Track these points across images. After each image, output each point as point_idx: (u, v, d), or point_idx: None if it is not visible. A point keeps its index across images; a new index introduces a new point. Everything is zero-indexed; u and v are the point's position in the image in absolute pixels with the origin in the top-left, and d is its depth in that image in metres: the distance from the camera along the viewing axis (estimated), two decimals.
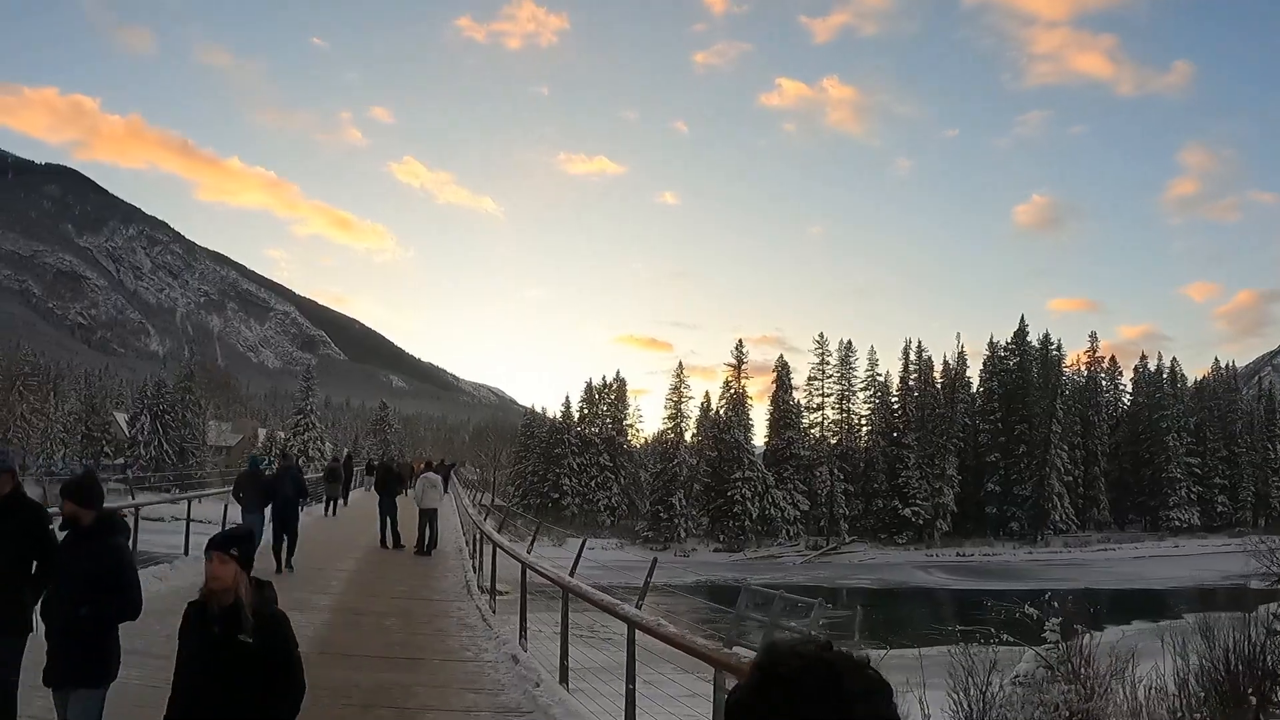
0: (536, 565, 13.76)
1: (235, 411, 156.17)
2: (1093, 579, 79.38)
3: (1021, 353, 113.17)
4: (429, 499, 26.07)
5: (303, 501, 24.05)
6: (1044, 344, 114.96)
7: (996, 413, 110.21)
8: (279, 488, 21.60)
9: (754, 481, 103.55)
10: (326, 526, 32.85)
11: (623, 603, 9.99)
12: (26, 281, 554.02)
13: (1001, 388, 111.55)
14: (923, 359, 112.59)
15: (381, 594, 18.45)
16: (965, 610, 68.66)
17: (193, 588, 15.76)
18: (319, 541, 25.69)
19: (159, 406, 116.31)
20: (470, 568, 23.04)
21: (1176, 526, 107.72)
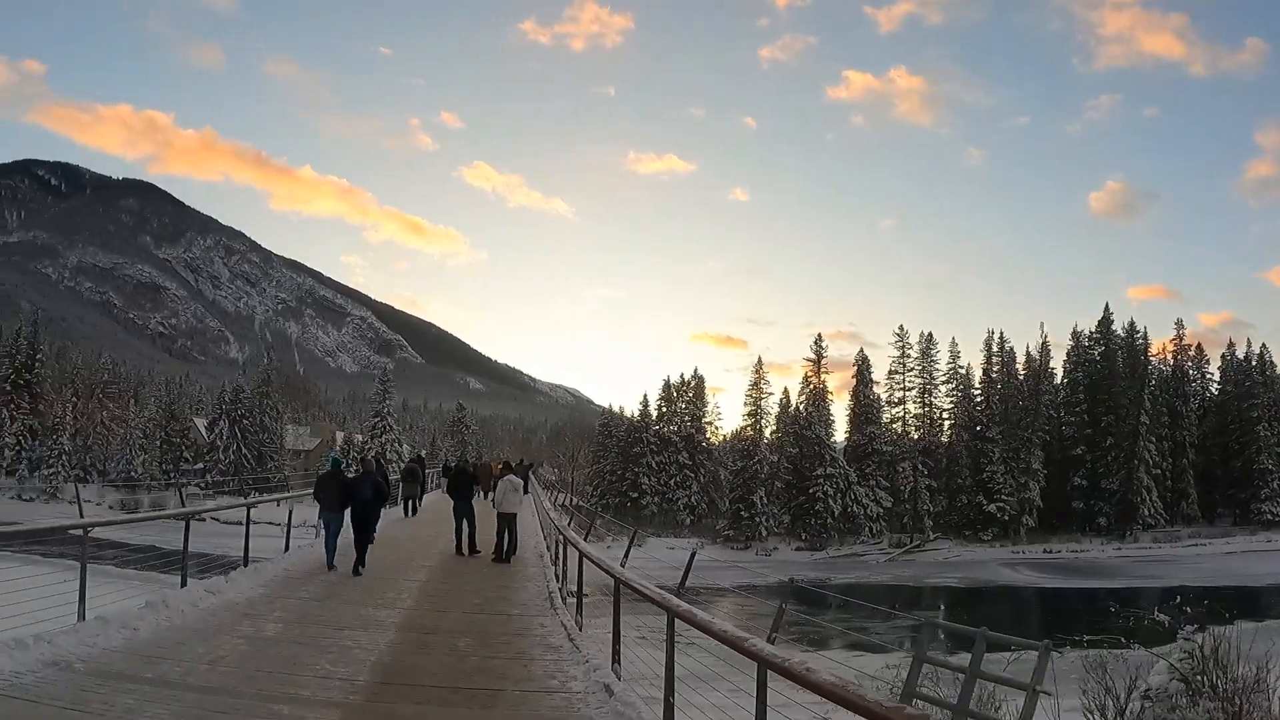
0: (636, 584, 11.76)
1: (313, 415, 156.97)
2: (1185, 576, 77.29)
3: (1106, 342, 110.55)
4: (509, 503, 24.17)
5: (384, 504, 23.85)
6: (1129, 332, 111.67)
7: (1082, 404, 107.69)
8: (357, 490, 21.45)
9: (836, 478, 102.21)
10: (402, 530, 30.86)
11: (751, 635, 8.07)
12: (108, 293, 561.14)
13: (1087, 378, 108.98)
14: (1005, 350, 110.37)
15: (454, 608, 16.80)
16: (1058, 609, 67.59)
17: (248, 603, 14.21)
18: (391, 547, 24.22)
19: (236, 411, 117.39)
20: (552, 576, 21.23)
21: (1269, 520, 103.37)
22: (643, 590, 11.10)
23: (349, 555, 20.22)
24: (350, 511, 21.32)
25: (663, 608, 9.92)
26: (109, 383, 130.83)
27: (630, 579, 11.93)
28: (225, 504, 40.66)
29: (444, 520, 27.67)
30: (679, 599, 10.58)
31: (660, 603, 10.13)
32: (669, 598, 10.25)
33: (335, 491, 21.49)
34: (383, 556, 21.87)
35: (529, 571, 22.49)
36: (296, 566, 20.21)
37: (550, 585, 19.75)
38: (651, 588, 11.03)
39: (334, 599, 16.44)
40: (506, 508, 24.08)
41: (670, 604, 9.85)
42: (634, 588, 11.48)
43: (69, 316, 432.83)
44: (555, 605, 17.28)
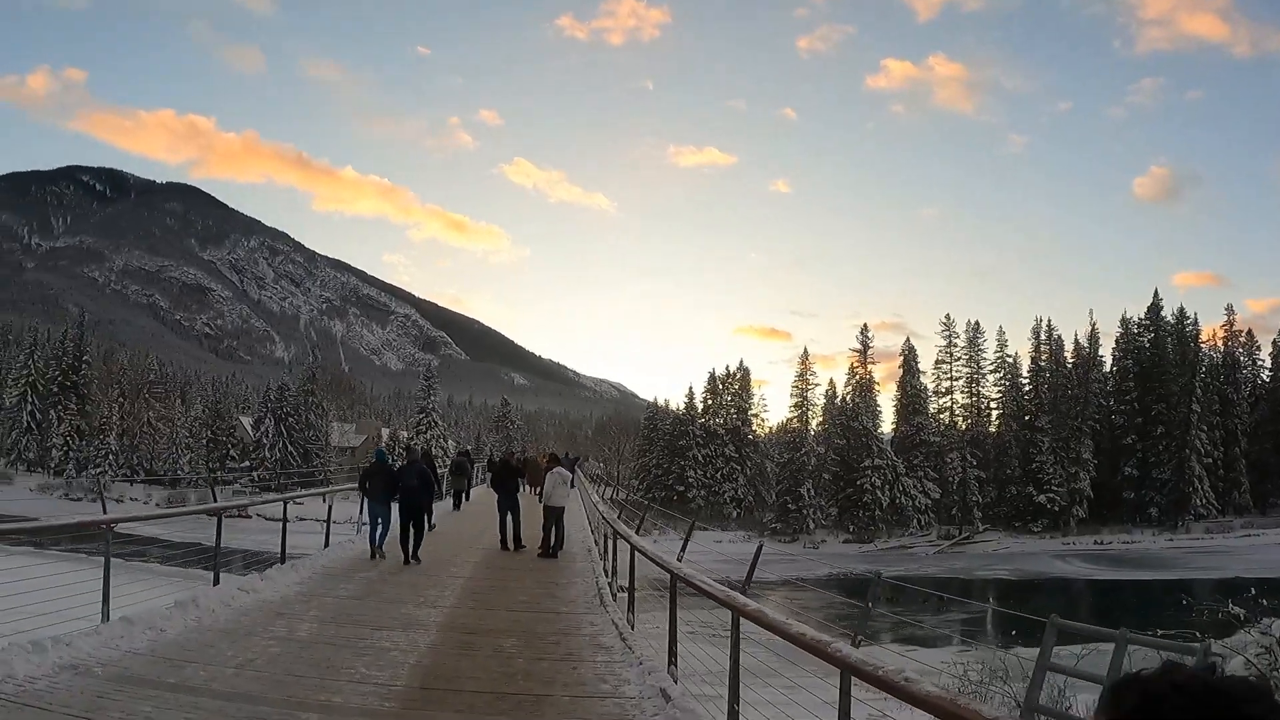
0: (696, 580, 10.80)
1: (359, 413, 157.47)
2: (1239, 567, 76.27)
3: (1156, 329, 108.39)
4: (557, 496, 23.37)
5: (431, 494, 23.71)
6: (1179, 319, 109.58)
7: (1132, 392, 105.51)
8: (403, 480, 21.55)
9: (884, 470, 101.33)
10: (448, 524, 29.87)
11: (834, 639, 7.23)
12: (154, 295, 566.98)
13: (1137, 366, 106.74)
14: (1053, 338, 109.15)
15: (500, 606, 15.98)
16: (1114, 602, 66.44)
17: (283, 601, 13.15)
18: (435, 542, 23.39)
19: (282, 409, 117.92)
20: (601, 571, 20.55)
21: None
22: (704, 587, 10.29)
23: (393, 547, 20.74)
24: (398, 502, 21.35)
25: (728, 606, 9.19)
26: (154, 383, 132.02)
27: (690, 574, 11.14)
28: (259, 499, 39.54)
29: (490, 514, 27.00)
30: (744, 596, 9.81)
31: (725, 601, 9.37)
32: (734, 595, 9.49)
33: (381, 482, 21.78)
34: (426, 552, 21.21)
35: (576, 567, 21.72)
36: (336, 562, 19.66)
37: (599, 581, 19.03)
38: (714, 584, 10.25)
39: (373, 597, 15.85)
40: (555, 501, 23.28)
41: (736, 602, 9.10)
42: (695, 584, 10.66)
43: (116, 319, 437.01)
44: (605, 602, 16.56)
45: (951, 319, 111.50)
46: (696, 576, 10.84)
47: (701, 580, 10.54)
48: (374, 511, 21.58)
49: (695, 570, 11.63)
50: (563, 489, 23.69)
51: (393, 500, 21.56)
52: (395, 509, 21.64)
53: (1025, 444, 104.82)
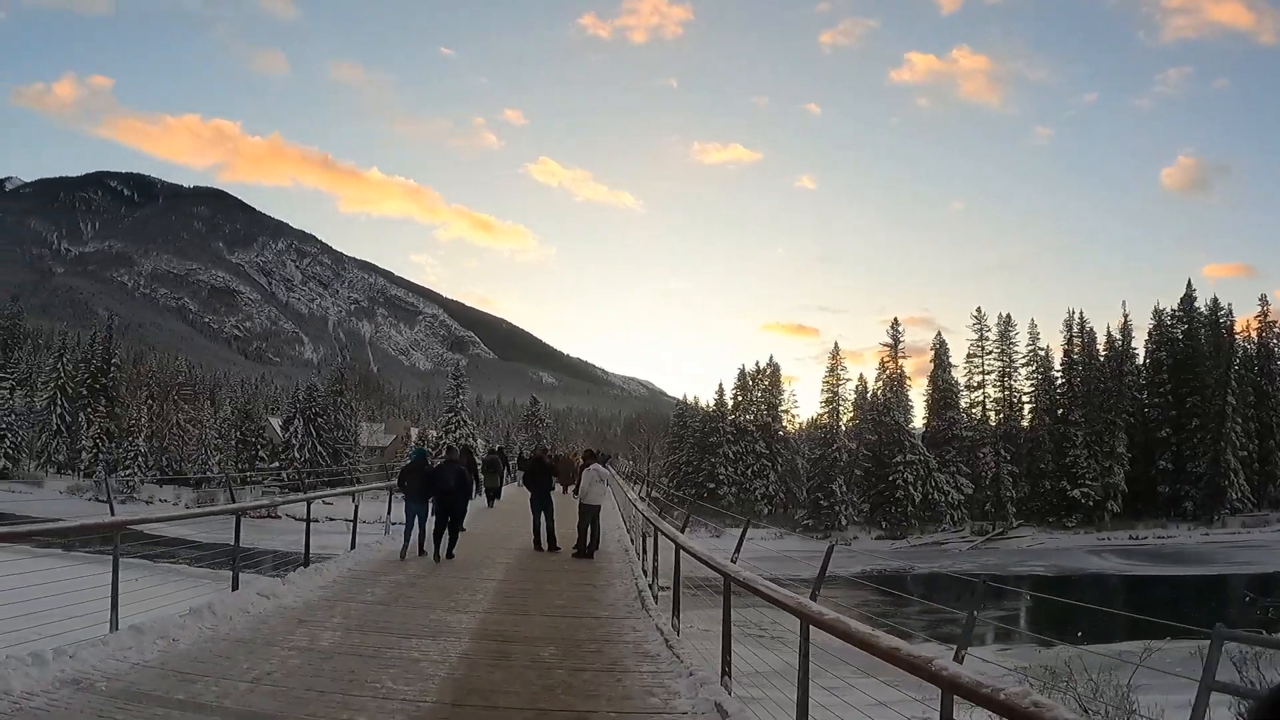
0: (759, 584, 9.78)
1: (388, 413, 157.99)
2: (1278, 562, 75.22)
3: (1190, 320, 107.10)
4: (594, 494, 22.52)
5: (469, 493, 23.93)
6: (1213, 310, 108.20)
7: (1166, 385, 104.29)
8: (439, 479, 21.28)
9: (916, 465, 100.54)
10: (479, 523, 28.26)
11: (935, 655, 6.42)
12: (183, 299, 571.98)
13: (1170, 358, 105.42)
14: (1085, 331, 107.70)
15: (535, 610, 14.94)
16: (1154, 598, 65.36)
17: (305, 607, 12.05)
18: (466, 542, 22.34)
19: (311, 410, 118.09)
20: (640, 571, 19.53)
21: None
22: (767, 592, 9.44)
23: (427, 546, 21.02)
24: (434, 500, 21.23)
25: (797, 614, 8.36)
26: (183, 385, 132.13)
27: (749, 577, 10.29)
28: (282, 499, 38.28)
29: (522, 513, 26.16)
30: (812, 601, 8.93)
31: (796, 609, 8.49)
32: (805, 601, 8.61)
33: (419, 481, 21.52)
34: (457, 552, 20.75)
35: (614, 567, 20.78)
36: (362, 565, 18.98)
37: (639, 582, 18.14)
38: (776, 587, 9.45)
39: (401, 602, 15.03)
40: (591, 499, 22.37)
41: (809, 610, 8.22)
42: (755, 588, 9.81)
43: (145, 323, 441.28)
44: (647, 605, 15.61)
45: (983, 312, 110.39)
46: (756, 579, 10.02)
47: (762, 584, 9.70)
48: (411, 510, 21.43)
49: (746, 570, 10.95)
50: (599, 486, 22.77)
51: (430, 499, 21.34)
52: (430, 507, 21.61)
53: (1059, 438, 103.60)
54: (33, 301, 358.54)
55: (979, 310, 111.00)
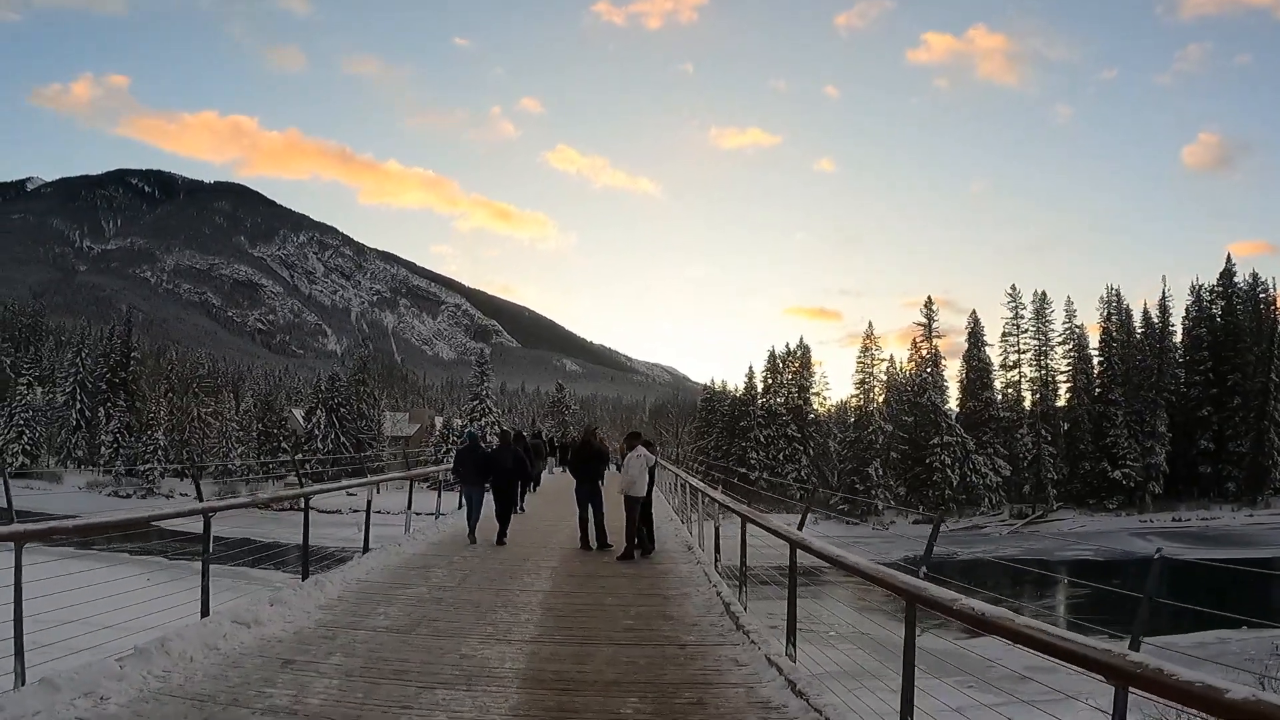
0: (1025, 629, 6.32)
1: (412, 402, 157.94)
2: None
3: (1229, 296, 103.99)
4: (640, 484, 19.18)
5: (525, 476, 26.09)
6: (1253, 285, 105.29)
7: (1206, 363, 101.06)
8: (496, 463, 21.69)
9: (953, 447, 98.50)
10: (514, 518, 23.98)
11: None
12: (206, 293, 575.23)
13: (1210, 335, 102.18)
14: (1121, 308, 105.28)
15: (599, 637, 11.57)
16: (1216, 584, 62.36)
17: (296, 640, 11.01)
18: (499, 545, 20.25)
19: (333, 400, 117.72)
20: (716, 574, 16.11)
21: None
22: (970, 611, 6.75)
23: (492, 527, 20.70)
24: (491, 483, 21.51)
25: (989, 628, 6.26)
26: (204, 378, 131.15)
27: (1003, 615, 6.65)
28: (243, 498, 36.05)
29: (563, 504, 24.48)
30: None
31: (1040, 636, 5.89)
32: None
33: (474, 465, 21.61)
34: (491, 556, 18.43)
35: (680, 569, 17.35)
36: (376, 574, 15.74)
37: (719, 589, 14.60)
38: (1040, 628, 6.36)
39: (422, 628, 11.73)
40: (637, 490, 19.08)
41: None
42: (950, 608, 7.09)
43: (169, 318, 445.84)
44: (741, 623, 12.05)
45: (1017, 290, 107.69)
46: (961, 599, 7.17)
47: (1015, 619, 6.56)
48: (468, 494, 21.48)
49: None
50: (646, 476, 19.65)
51: (485, 482, 21.53)
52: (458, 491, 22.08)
53: (1098, 417, 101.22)
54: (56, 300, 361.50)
55: (1014, 288, 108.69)
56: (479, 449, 22.42)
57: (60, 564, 11.39)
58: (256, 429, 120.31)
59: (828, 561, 9.99)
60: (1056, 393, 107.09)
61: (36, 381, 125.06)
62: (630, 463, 19.58)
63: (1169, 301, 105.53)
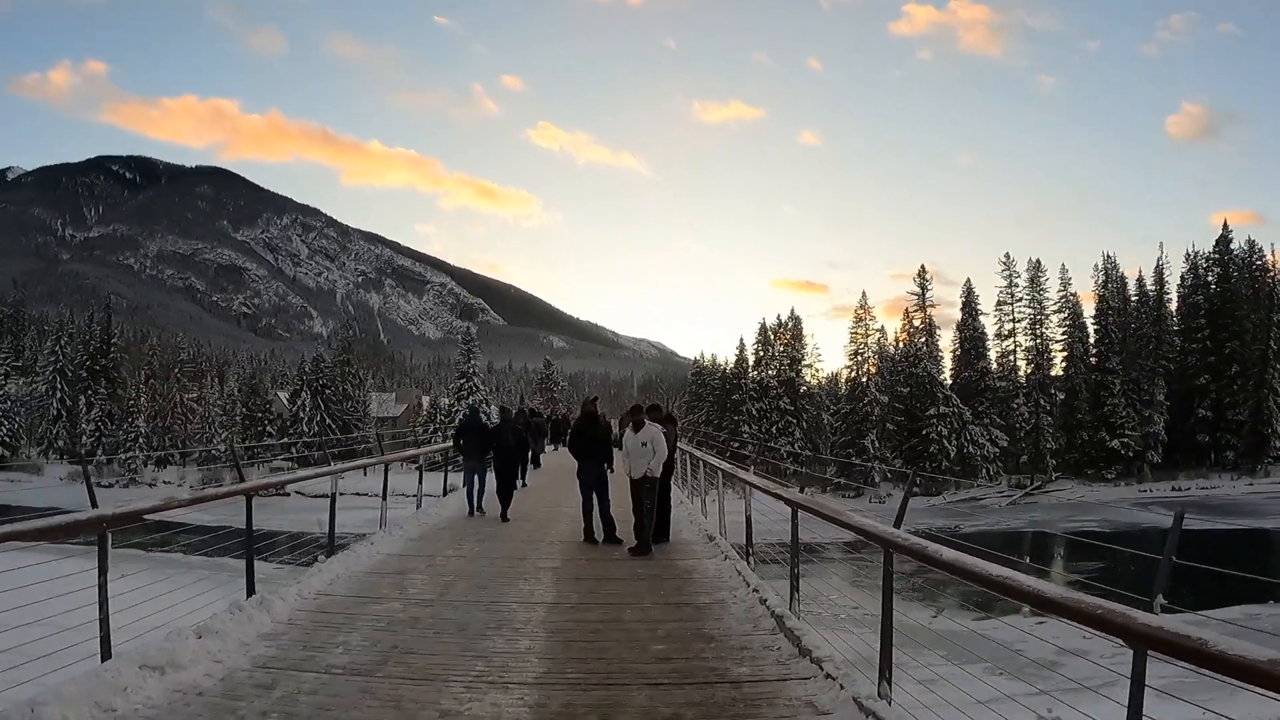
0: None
1: (398, 382, 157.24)
2: None
3: (1225, 264, 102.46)
4: (655, 462, 16.44)
5: (526, 452, 26.07)
6: (1249, 252, 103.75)
7: (1203, 330, 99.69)
8: (499, 438, 21.41)
9: (950, 418, 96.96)
10: (517, 494, 22.46)
11: None
12: (190, 278, 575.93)
13: (1207, 303, 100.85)
14: (1115, 276, 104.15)
15: (627, 669, 9.13)
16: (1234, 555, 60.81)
17: (225, 693, 8.29)
18: (491, 537, 18.02)
19: (318, 382, 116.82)
20: (748, 570, 13.60)
21: None
22: None
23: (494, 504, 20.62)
24: (493, 457, 21.31)
25: None
26: (185, 363, 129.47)
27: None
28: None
29: (560, 487, 23.56)
30: None
31: None
32: None
33: (476, 439, 21.62)
34: (481, 555, 15.79)
35: (705, 567, 14.63)
36: (340, 588, 12.70)
37: (765, 596, 11.61)
38: None
39: (389, 668, 9.03)
40: (654, 470, 16.32)
41: None
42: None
43: (154, 304, 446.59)
44: (805, 645, 9.39)
45: (1011, 258, 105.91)
46: None
47: None
48: (469, 470, 21.51)
49: None
50: (646, 452, 16.45)
51: (486, 455, 21.43)
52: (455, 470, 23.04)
53: (1095, 387, 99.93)
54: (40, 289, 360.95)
55: (1008, 256, 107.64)
56: (481, 424, 22.49)
57: None
58: (240, 413, 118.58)
59: (961, 576, 7.20)
60: (1052, 362, 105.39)
61: (17, 372, 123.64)
62: (628, 439, 16.74)
63: (1165, 268, 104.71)
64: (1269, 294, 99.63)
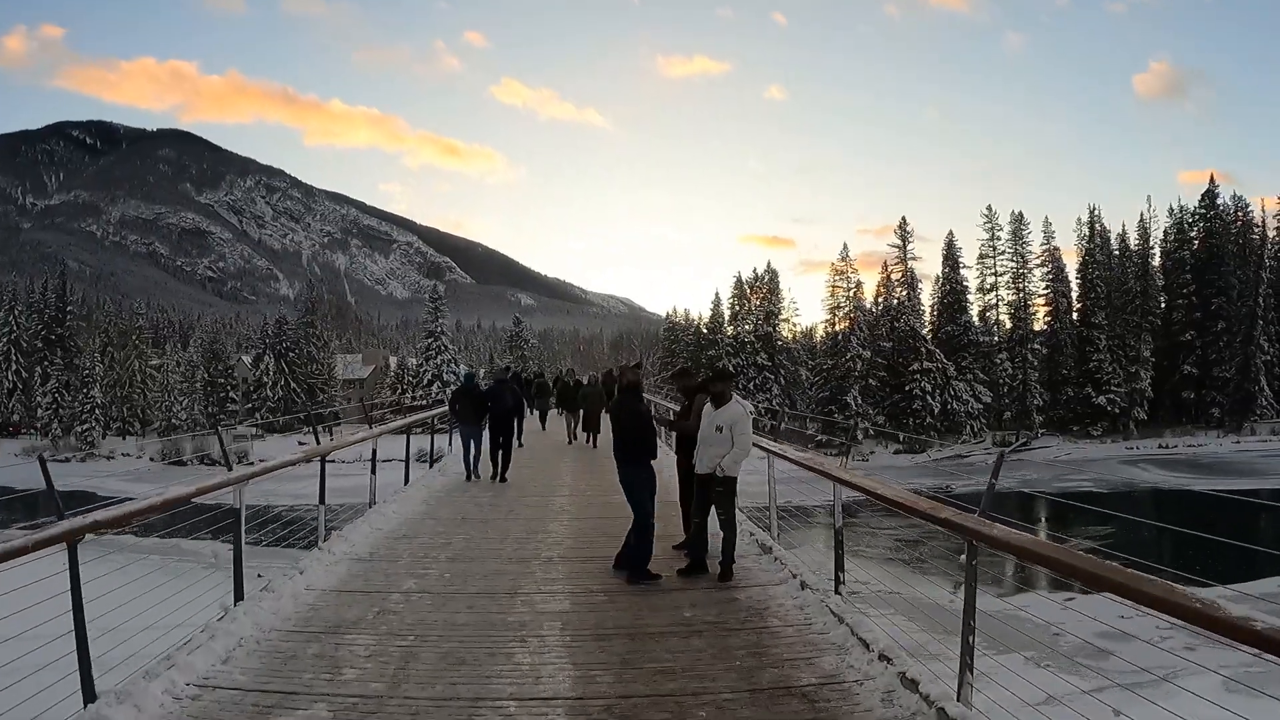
0: None
1: (366, 343, 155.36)
2: None
3: (1211, 219, 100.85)
4: (731, 460, 11.02)
5: (521, 414, 25.53)
6: (1234, 208, 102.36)
7: (1189, 286, 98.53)
8: (496, 402, 21.08)
9: (934, 373, 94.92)
10: (474, 499, 17.68)
11: None
12: (153, 243, 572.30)
13: (1193, 258, 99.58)
14: (1094, 230, 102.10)
15: None
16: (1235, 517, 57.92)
17: None
18: (461, 553, 12.50)
19: (281, 345, 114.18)
20: (837, 606, 9.22)
21: None
22: None
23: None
24: (490, 420, 20.94)
25: None
26: (144, 329, 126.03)
27: None
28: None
29: (547, 471, 21.63)
30: None
31: None
32: None
33: (473, 404, 21.22)
34: (460, 595, 10.31)
35: (777, 600, 10.04)
36: (276, 640, 8.68)
37: (902, 665, 7.53)
38: None
39: None
40: (706, 463, 11.11)
41: None
42: None
43: (118, 270, 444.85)
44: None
45: (994, 210, 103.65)
46: None
47: None
48: (465, 434, 21.10)
49: None
50: (727, 444, 10.99)
51: (483, 420, 21.07)
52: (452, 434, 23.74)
53: (1080, 342, 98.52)
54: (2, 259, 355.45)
55: (990, 208, 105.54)
56: (477, 389, 22.16)
57: None
58: (201, 378, 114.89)
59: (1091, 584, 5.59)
60: (1035, 317, 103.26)
61: None
62: (713, 423, 11.09)
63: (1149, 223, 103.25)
64: (1256, 250, 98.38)
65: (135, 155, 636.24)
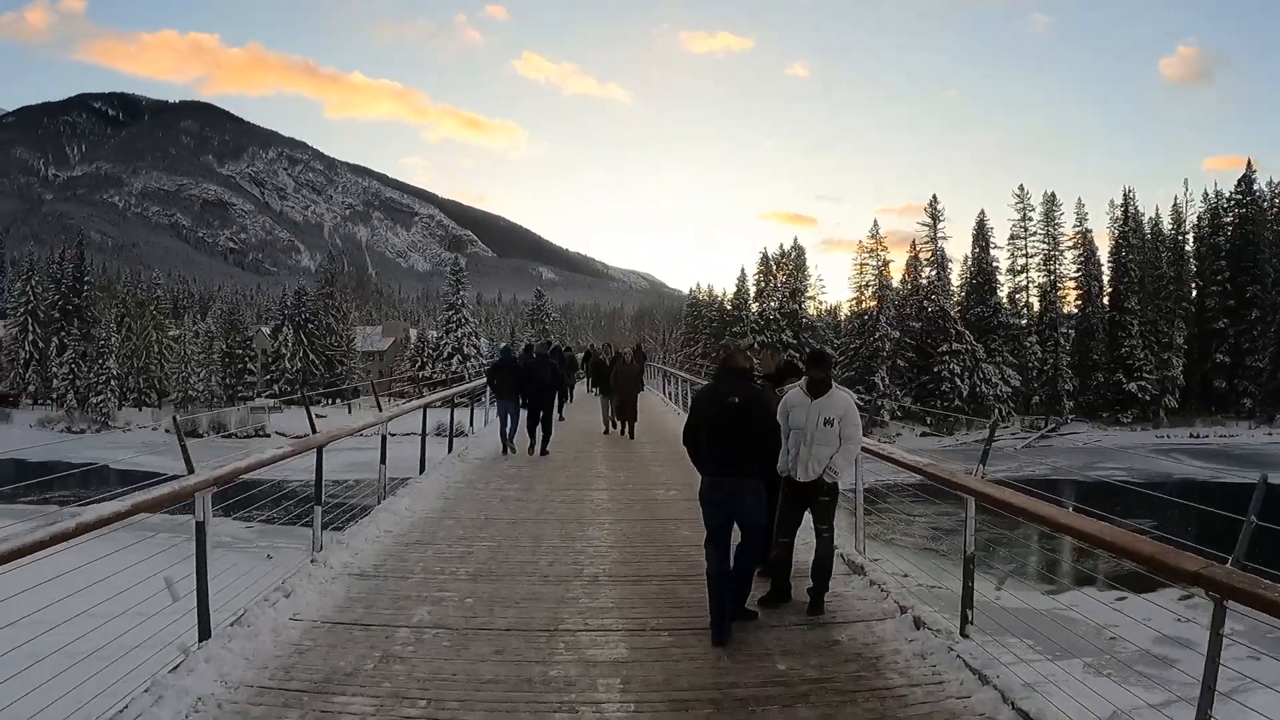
0: None
1: (385, 315, 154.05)
2: None
3: (1247, 204, 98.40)
4: (822, 452, 8.67)
5: (560, 388, 25.62)
6: (1273, 193, 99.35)
7: (1223, 272, 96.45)
8: (533, 376, 20.71)
9: (963, 355, 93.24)
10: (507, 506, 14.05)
11: None
12: (175, 215, 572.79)
13: (1228, 244, 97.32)
14: (1129, 213, 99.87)
15: None
16: None
17: None
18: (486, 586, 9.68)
19: (300, 316, 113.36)
20: (1004, 673, 6.72)
21: None
22: None
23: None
24: (527, 394, 20.60)
25: None
26: (160, 300, 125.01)
27: None
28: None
29: (580, 462, 19.60)
30: None
31: None
32: None
33: (510, 378, 20.84)
34: (460, 618, 8.40)
35: (891, 650, 7.60)
36: (290, 658, 7.26)
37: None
38: None
39: None
40: (810, 470, 8.68)
41: None
42: None
43: (139, 242, 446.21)
44: None
45: (1025, 190, 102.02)
46: None
47: None
48: (502, 408, 20.87)
49: None
50: (834, 443, 8.72)
51: (519, 395, 20.71)
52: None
53: (1112, 327, 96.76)
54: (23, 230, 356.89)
55: (1022, 188, 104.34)
56: (514, 362, 21.73)
57: None
58: (219, 349, 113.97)
59: None
60: (1066, 300, 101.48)
61: None
62: (820, 415, 8.66)
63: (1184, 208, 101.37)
64: None
65: (157, 127, 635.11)
